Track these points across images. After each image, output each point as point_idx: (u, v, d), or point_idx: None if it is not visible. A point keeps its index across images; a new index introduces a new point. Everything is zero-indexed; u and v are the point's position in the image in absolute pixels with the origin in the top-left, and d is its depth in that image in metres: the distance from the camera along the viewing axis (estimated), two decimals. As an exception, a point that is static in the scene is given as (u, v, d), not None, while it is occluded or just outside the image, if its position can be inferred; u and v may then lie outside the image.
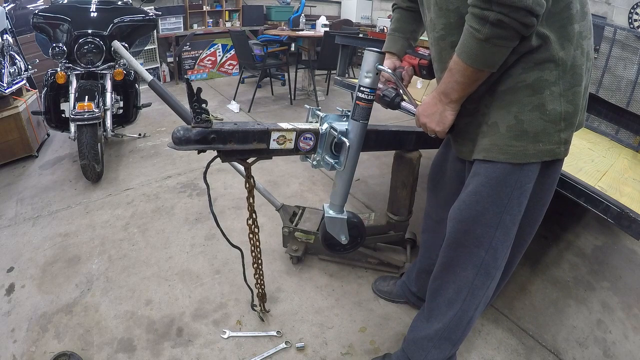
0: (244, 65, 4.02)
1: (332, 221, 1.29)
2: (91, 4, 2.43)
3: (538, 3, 0.70)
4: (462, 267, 1.05)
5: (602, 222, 2.13)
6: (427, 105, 0.96)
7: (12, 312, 1.46)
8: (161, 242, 1.87)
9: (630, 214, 1.08)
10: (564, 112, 0.86)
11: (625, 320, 1.53)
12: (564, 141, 0.89)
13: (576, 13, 0.81)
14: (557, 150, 0.89)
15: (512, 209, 0.95)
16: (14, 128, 2.51)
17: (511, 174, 0.91)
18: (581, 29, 0.83)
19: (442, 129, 0.96)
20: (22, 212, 2.11)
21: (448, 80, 0.88)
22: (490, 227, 0.97)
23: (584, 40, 0.85)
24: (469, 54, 0.79)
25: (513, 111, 0.87)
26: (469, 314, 1.07)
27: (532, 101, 0.85)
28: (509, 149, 0.89)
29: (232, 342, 1.35)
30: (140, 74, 1.93)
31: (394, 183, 1.56)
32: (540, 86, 0.84)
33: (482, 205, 0.96)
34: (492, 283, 1.05)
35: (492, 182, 0.93)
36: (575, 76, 0.85)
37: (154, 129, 3.33)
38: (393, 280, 1.60)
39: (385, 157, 2.80)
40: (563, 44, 0.82)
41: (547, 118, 0.86)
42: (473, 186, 0.97)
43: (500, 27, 0.73)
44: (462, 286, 1.06)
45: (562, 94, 0.85)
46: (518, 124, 0.87)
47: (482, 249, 1.00)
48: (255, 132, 1.00)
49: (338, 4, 6.57)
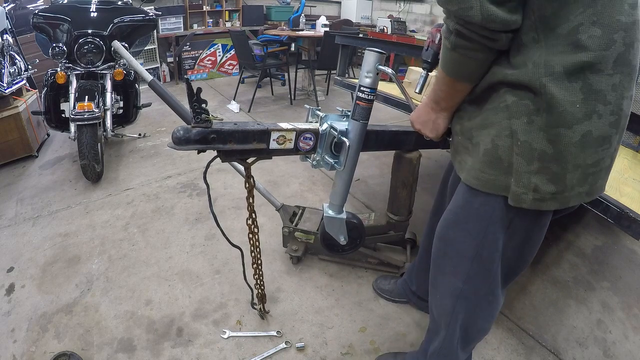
0: (244, 65, 4.02)
1: (331, 221, 1.29)
2: (91, 4, 2.43)
3: (492, 19, 0.64)
4: (442, 293, 1.01)
5: (602, 222, 2.13)
6: (420, 113, 0.96)
7: (12, 312, 1.46)
8: (161, 242, 1.87)
9: (630, 214, 1.08)
10: (540, 151, 0.72)
11: (625, 320, 1.53)
12: (534, 188, 0.74)
13: (589, 39, 0.66)
14: (522, 195, 0.75)
15: (488, 245, 0.87)
16: (14, 128, 2.51)
17: (485, 204, 0.83)
18: (595, 59, 0.66)
19: (435, 136, 0.96)
20: (22, 212, 2.11)
21: (436, 89, 0.88)
22: (466, 257, 0.91)
23: (595, 74, 0.68)
24: (444, 63, 0.79)
25: (492, 134, 0.78)
26: (454, 340, 1.03)
27: (509, 125, 0.74)
28: (481, 176, 0.81)
29: (232, 342, 1.35)
30: (140, 74, 1.93)
31: (394, 183, 1.56)
32: (518, 111, 0.73)
33: (460, 231, 0.91)
34: (479, 311, 0.97)
35: (468, 208, 0.88)
36: (562, 114, 0.69)
37: (154, 129, 3.33)
38: (394, 279, 1.60)
39: (385, 157, 2.80)
40: (553, 70, 0.68)
41: (519, 150, 0.74)
42: (454, 206, 0.93)
43: (462, 37, 0.71)
44: (442, 312, 1.02)
45: (543, 128, 0.71)
46: (494, 149, 0.77)
47: (459, 279, 0.94)
48: (255, 132, 1.00)
49: (338, 4, 6.57)
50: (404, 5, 5.86)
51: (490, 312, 0.99)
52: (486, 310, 0.98)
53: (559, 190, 0.75)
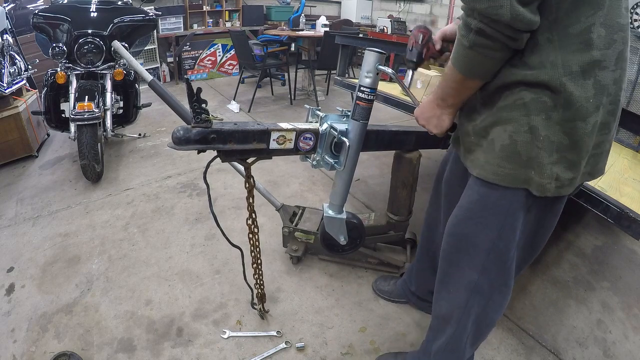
0: (244, 65, 4.02)
1: (330, 221, 1.29)
2: (91, 4, 2.43)
3: (520, 19, 0.67)
4: (456, 287, 1.02)
5: (602, 222, 2.13)
6: (425, 109, 0.97)
7: (12, 312, 1.46)
8: (161, 242, 1.87)
9: (630, 214, 1.08)
10: (557, 143, 0.78)
11: (625, 320, 1.53)
12: (556, 177, 0.80)
13: (597, 38, 0.72)
14: (546, 185, 0.81)
15: (506, 236, 0.90)
16: (14, 128, 2.52)
17: (503, 197, 0.86)
18: (602, 57, 0.73)
19: (439, 132, 0.98)
20: (22, 212, 2.11)
21: (444, 86, 0.88)
22: (482, 250, 0.93)
23: (602, 71, 0.74)
24: (458, 61, 0.79)
25: (509, 130, 0.81)
26: (464, 336, 1.04)
27: (528, 122, 0.79)
28: (499, 170, 0.84)
29: (232, 342, 1.35)
30: (140, 74, 1.93)
31: (394, 183, 1.56)
32: (536, 107, 0.77)
33: (475, 225, 0.92)
34: (492, 304, 1.00)
35: (484, 202, 0.90)
36: (579, 109, 0.75)
37: (154, 129, 3.33)
38: (394, 279, 1.60)
39: (385, 157, 2.80)
40: (571, 69, 0.73)
41: (541, 145, 0.79)
42: (466, 202, 0.94)
43: (483, 36, 0.71)
44: (455, 307, 1.03)
45: (559, 122, 0.77)
46: (512, 145, 0.81)
47: (475, 271, 0.95)
48: (255, 132, 1.00)
49: (338, 4, 6.57)
50: (404, 5, 5.85)
51: (501, 302, 1.02)
52: (498, 302, 1.01)
53: (575, 176, 0.82)
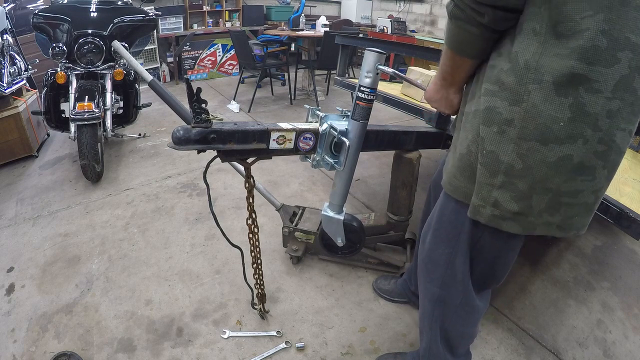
0: (244, 65, 4.02)
1: (328, 221, 1.29)
2: (91, 4, 2.43)
3: None
4: (423, 294, 1.02)
5: (602, 222, 2.13)
6: (433, 92, 0.97)
7: (12, 312, 1.46)
8: (161, 242, 1.87)
9: (630, 214, 1.08)
10: (507, 164, 0.66)
11: (625, 320, 1.53)
12: (493, 202, 0.69)
13: (592, 49, 0.57)
14: (479, 208, 0.71)
15: (462, 253, 0.85)
16: (14, 128, 2.52)
17: (456, 212, 0.81)
18: (592, 76, 0.58)
19: (452, 111, 0.96)
20: (22, 212, 2.11)
21: (441, 63, 0.87)
22: (440, 264, 0.91)
23: (591, 93, 0.59)
24: (445, 34, 0.79)
25: (468, 138, 0.73)
26: (438, 343, 1.02)
27: (479, 132, 0.69)
28: (454, 181, 0.78)
29: (232, 342, 1.35)
30: (140, 74, 1.93)
31: (394, 183, 1.56)
32: (490, 117, 0.67)
33: (434, 237, 0.91)
34: (458, 318, 0.96)
35: (441, 214, 0.88)
36: (543, 130, 0.62)
37: (154, 129, 3.33)
38: (394, 279, 1.60)
39: (385, 157, 2.80)
40: (542, 77, 0.61)
41: (482, 160, 0.68)
42: (434, 209, 0.94)
43: (457, 7, 0.69)
44: (425, 315, 1.03)
45: (514, 140, 0.64)
46: (467, 155, 0.73)
47: (436, 285, 0.94)
48: (255, 132, 1.00)
49: (338, 4, 6.57)
50: (404, 5, 5.85)
51: (470, 320, 0.98)
52: (463, 317, 0.97)
53: (523, 212, 0.68)
